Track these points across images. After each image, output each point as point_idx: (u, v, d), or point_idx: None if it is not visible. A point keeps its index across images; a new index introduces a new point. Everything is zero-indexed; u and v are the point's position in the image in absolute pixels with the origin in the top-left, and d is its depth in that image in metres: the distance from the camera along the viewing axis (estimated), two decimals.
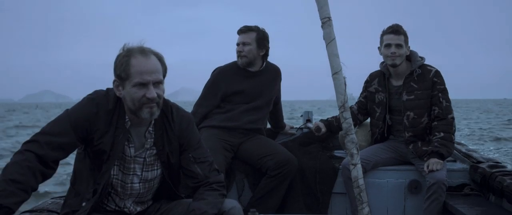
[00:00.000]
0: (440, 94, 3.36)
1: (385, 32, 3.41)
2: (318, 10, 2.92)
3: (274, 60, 3.76)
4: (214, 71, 3.71)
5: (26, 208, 2.80)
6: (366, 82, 3.67)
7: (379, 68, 3.59)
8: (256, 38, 3.54)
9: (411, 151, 3.44)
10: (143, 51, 2.05)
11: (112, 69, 2.08)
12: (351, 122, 3.00)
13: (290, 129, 4.21)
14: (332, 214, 3.55)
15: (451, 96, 3.44)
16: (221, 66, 3.73)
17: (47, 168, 1.97)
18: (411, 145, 3.43)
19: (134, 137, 2.15)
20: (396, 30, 3.37)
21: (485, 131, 20.32)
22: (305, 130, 4.25)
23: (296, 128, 4.30)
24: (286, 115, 4.37)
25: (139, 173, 2.19)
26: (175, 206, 2.27)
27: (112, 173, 2.13)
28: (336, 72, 2.94)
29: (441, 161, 3.23)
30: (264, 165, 3.39)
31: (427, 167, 3.20)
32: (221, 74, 3.64)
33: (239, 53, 3.57)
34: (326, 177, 3.56)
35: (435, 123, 3.36)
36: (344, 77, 2.98)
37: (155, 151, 2.19)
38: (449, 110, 3.36)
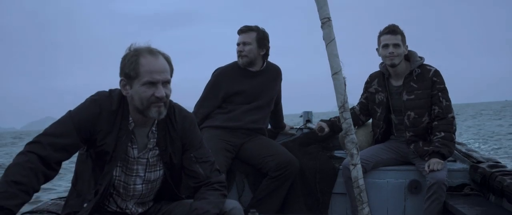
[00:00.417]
0: (440, 93, 3.37)
1: (382, 33, 3.41)
2: (318, 10, 2.93)
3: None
4: (214, 71, 3.70)
5: (26, 209, 2.80)
6: (366, 83, 3.67)
7: (378, 69, 3.60)
8: (256, 38, 3.54)
9: (412, 151, 3.44)
10: (152, 51, 2.06)
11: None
12: (351, 122, 3.00)
13: (290, 129, 4.21)
14: (332, 214, 3.55)
15: (453, 101, 3.44)
16: (221, 66, 3.72)
17: (50, 169, 1.96)
18: (412, 144, 3.43)
19: (138, 138, 2.15)
20: (392, 30, 3.38)
21: None
22: (305, 130, 4.25)
23: (296, 128, 4.30)
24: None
25: (142, 174, 2.19)
26: (176, 207, 2.27)
27: (114, 174, 2.13)
28: (336, 72, 2.94)
29: (442, 161, 3.23)
30: (265, 165, 3.39)
31: (428, 166, 3.21)
32: (222, 74, 3.64)
33: (240, 53, 3.57)
34: (326, 177, 3.56)
35: (436, 122, 3.36)
36: (344, 78, 2.98)
37: (157, 152, 2.19)
38: (449, 109, 3.37)
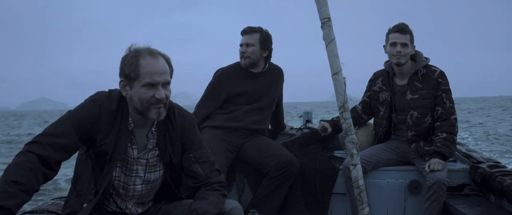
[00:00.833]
0: (444, 95, 3.36)
1: (391, 31, 3.40)
2: (318, 10, 2.93)
3: (274, 61, 3.78)
4: (216, 72, 3.70)
5: (26, 209, 2.80)
6: (370, 81, 3.66)
7: (383, 67, 3.59)
8: (259, 40, 3.54)
9: (413, 151, 3.44)
10: (152, 52, 2.06)
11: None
12: (351, 122, 3.00)
13: (290, 129, 4.21)
14: (332, 214, 3.55)
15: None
16: (223, 67, 3.72)
17: (49, 169, 1.96)
18: (413, 144, 3.43)
19: (137, 138, 2.15)
20: (402, 29, 3.36)
21: None
22: (305, 130, 4.25)
23: (296, 128, 4.30)
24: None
25: (141, 175, 2.19)
26: (176, 207, 2.27)
27: (114, 174, 2.13)
28: (336, 72, 2.94)
29: (443, 162, 3.23)
30: (265, 166, 3.39)
31: (429, 166, 3.20)
32: (223, 75, 3.64)
33: (243, 54, 3.57)
34: (326, 177, 3.56)
35: (438, 123, 3.36)
36: (344, 78, 2.98)
37: (157, 152, 2.19)
38: (452, 110, 3.37)
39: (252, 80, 3.59)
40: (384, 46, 3.47)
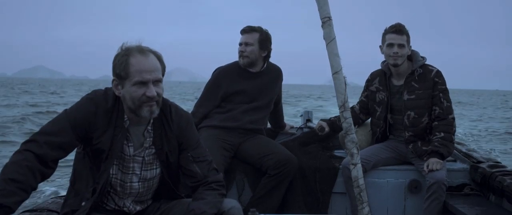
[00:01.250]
0: (441, 94, 3.36)
1: (388, 32, 3.39)
2: (318, 9, 2.92)
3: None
4: (215, 71, 3.71)
5: (26, 208, 2.80)
6: (367, 81, 3.66)
7: (380, 67, 3.59)
8: (259, 39, 3.54)
9: (411, 151, 3.44)
10: (142, 50, 2.06)
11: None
12: (351, 121, 3.00)
13: (290, 128, 4.21)
14: (332, 214, 3.55)
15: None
16: (222, 66, 3.73)
17: (46, 168, 1.98)
18: (411, 144, 3.43)
19: (133, 136, 2.16)
20: (399, 30, 3.36)
21: None
22: (305, 130, 4.25)
23: (296, 127, 4.30)
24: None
25: (138, 172, 2.19)
26: (175, 206, 2.27)
27: (111, 172, 2.14)
28: (336, 72, 2.94)
29: (441, 161, 3.23)
30: (264, 164, 3.39)
31: (427, 166, 3.20)
32: (222, 74, 3.64)
33: (241, 53, 3.57)
34: (326, 177, 3.56)
35: (436, 123, 3.36)
36: (344, 77, 2.97)
37: (154, 150, 2.19)
38: (449, 110, 3.36)
39: (250, 80, 3.59)
40: (380, 46, 3.47)
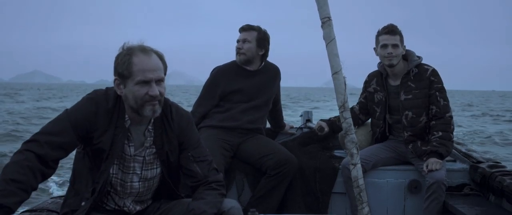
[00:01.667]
0: (437, 93, 3.37)
1: (381, 33, 3.41)
2: (318, 10, 2.92)
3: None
4: (213, 70, 3.72)
5: (26, 208, 2.80)
6: (365, 82, 3.68)
7: (377, 68, 3.60)
8: (256, 37, 3.56)
9: (410, 151, 3.44)
10: (144, 50, 2.07)
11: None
12: (351, 122, 3.00)
13: (290, 128, 4.22)
14: (332, 214, 3.55)
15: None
16: (220, 65, 3.74)
17: (47, 168, 1.97)
18: (410, 144, 3.43)
19: (134, 135, 2.16)
20: (391, 30, 3.38)
21: None
22: (305, 130, 4.25)
23: (296, 127, 4.30)
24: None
25: (138, 172, 2.19)
26: (175, 206, 2.27)
27: (111, 172, 2.14)
28: (336, 72, 2.94)
29: (440, 161, 3.23)
30: (264, 164, 3.39)
31: (427, 166, 3.20)
32: (219, 73, 3.66)
33: (238, 50, 3.59)
34: (326, 177, 3.56)
35: (433, 122, 3.36)
36: (344, 77, 2.97)
37: (154, 150, 2.19)
38: (447, 108, 3.36)
39: (247, 78, 3.60)
40: (374, 48, 3.48)
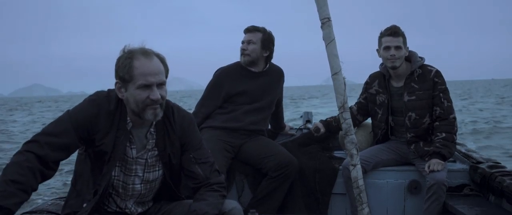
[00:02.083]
0: (441, 94, 3.36)
1: (383, 35, 3.39)
2: (318, 10, 2.92)
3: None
4: (216, 71, 3.70)
5: (26, 209, 2.80)
6: (366, 83, 3.66)
7: (378, 69, 3.59)
8: (261, 39, 3.56)
9: (412, 151, 3.44)
10: (146, 53, 2.05)
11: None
12: (351, 122, 3.00)
13: (290, 129, 4.22)
14: None
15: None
16: (223, 66, 3.73)
17: (47, 169, 1.96)
18: (412, 145, 3.43)
19: (136, 138, 2.15)
20: (394, 32, 3.36)
21: None
22: (305, 131, 4.26)
23: (295, 128, 4.30)
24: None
25: (140, 174, 2.19)
26: (176, 207, 2.27)
27: (113, 174, 2.13)
28: (335, 72, 2.94)
29: (443, 162, 3.23)
30: (265, 166, 3.39)
31: (428, 167, 3.20)
32: (224, 74, 3.64)
33: (243, 51, 3.58)
34: (326, 178, 3.56)
35: (437, 123, 3.36)
36: (344, 78, 2.97)
37: (156, 152, 2.19)
38: (450, 110, 3.36)
39: (252, 80, 3.59)
40: (377, 50, 3.47)
